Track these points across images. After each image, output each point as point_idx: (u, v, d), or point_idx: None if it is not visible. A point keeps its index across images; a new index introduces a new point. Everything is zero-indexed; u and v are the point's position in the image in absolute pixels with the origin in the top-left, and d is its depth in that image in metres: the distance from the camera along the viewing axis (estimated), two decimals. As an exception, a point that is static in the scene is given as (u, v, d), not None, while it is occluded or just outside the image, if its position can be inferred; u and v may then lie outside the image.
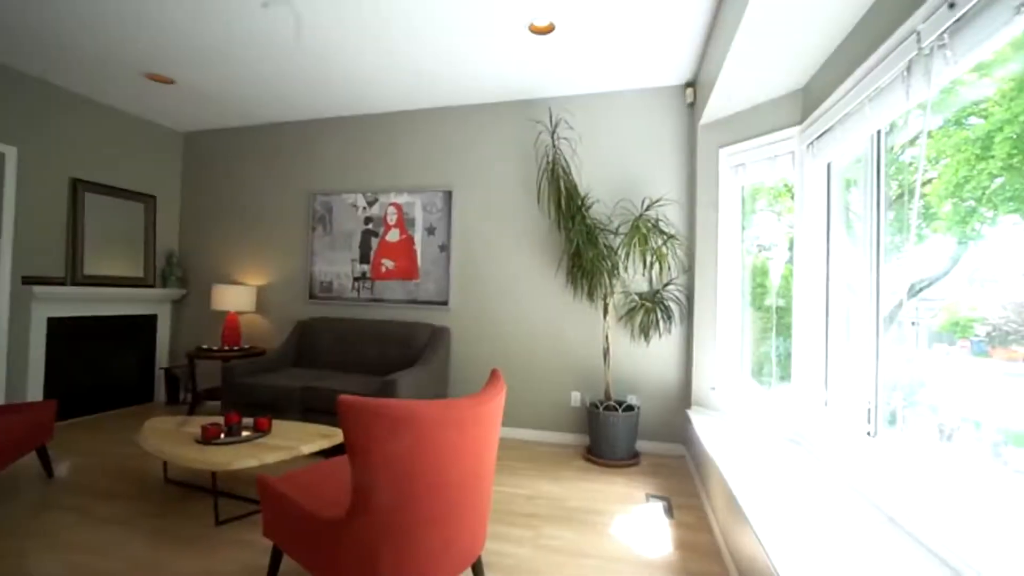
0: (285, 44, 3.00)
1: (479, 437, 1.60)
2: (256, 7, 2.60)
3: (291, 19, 2.66)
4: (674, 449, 3.36)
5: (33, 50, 3.17)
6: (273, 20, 2.74)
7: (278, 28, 2.82)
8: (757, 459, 2.07)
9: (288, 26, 2.79)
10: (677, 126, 3.39)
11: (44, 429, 2.58)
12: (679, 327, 3.35)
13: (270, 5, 2.52)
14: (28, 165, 3.57)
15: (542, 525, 2.33)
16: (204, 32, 2.89)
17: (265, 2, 2.52)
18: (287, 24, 2.77)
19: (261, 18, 2.72)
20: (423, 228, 3.92)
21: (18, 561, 1.92)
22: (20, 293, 3.52)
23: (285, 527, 1.68)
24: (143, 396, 4.46)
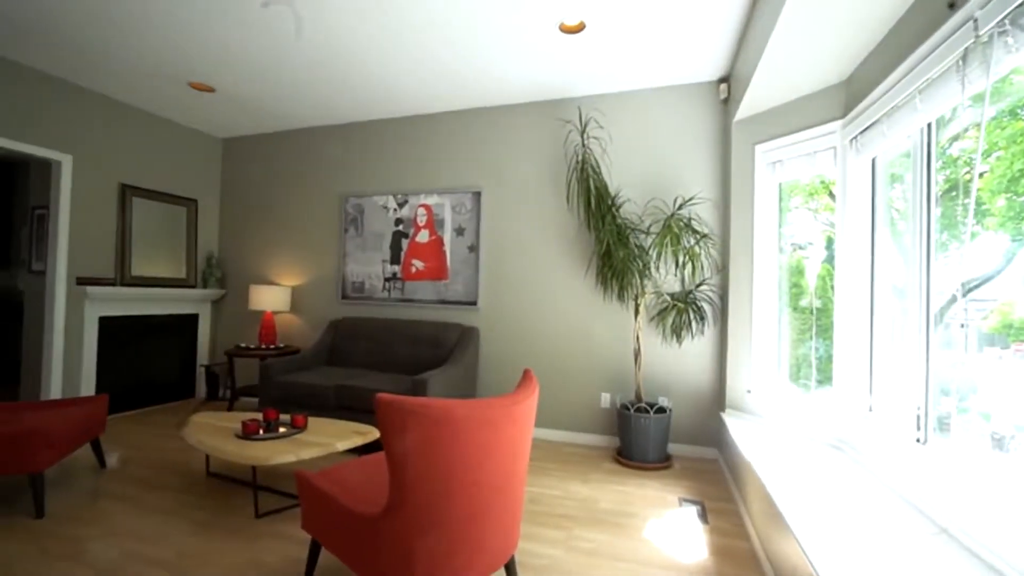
0: (318, 50, 3.08)
1: (513, 437, 1.60)
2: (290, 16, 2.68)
3: (291, 19, 2.67)
4: (707, 453, 3.30)
5: (87, 64, 3.35)
6: (307, 26, 2.81)
7: (312, 34, 2.89)
8: (797, 465, 2.00)
9: (313, 26, 2.86)
10: (710, 123, 3.32)
11: (98, 422, 2.71)
12: (712, 328, 3.28)
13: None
14: (82, 172, 3.77)
15: (573, 526, 2.32)
16: (243, 41, 2.99)
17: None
18: (319, 30, 2.84)
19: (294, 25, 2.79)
20: (452, 229, 3.96)
21: (78, 546, 2.02)
22: (75, 293, 3.72)
23: (323, 521, 1.72)
24: (185, 392, 4.65)
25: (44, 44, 3.10)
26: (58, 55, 3.25)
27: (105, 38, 3.00)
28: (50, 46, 3.13)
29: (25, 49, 3.18)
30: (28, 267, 4.23)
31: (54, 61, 3.34)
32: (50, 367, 3.61)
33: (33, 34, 2.98)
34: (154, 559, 1.95)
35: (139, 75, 3.52)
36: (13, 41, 3.08)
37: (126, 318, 4.12)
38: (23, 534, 2.10)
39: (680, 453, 3.34)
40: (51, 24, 2.86)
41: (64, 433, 2.39)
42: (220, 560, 1.95)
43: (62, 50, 3.17)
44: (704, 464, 3.19)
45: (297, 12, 2.60)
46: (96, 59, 3.29)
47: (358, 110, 4.08)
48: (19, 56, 3.28)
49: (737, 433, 2.49)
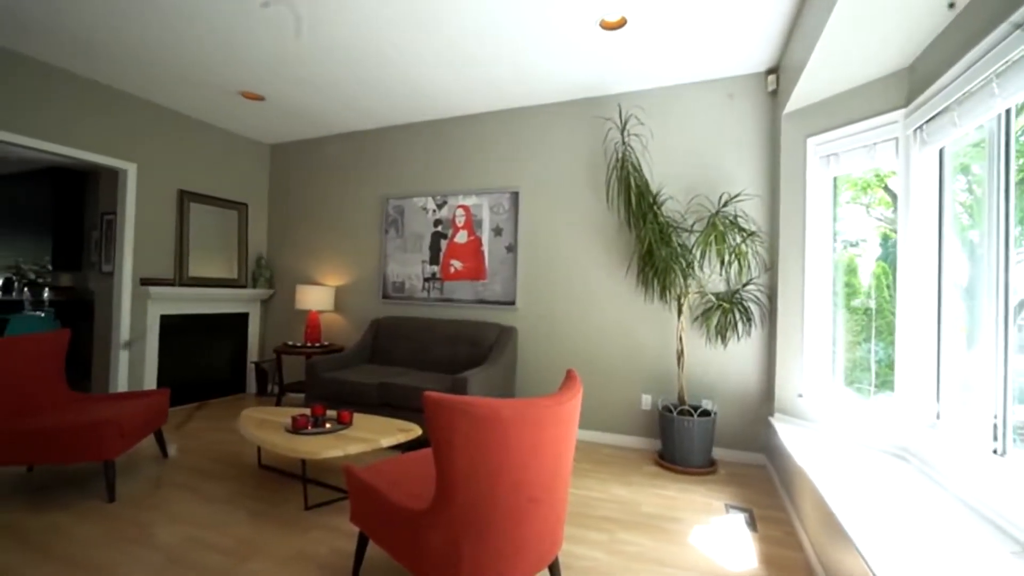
0: (361, 55, 3.15)
1: (558, 437, 1.60)
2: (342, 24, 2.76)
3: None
4: (754, 458, 3.18)
5: (150, 77, 3.57)
6: (349, 32, 2.89)
7: (355, 40, 2.97)
8: (856, 474, 1.90)
9: (354, 35, 2.93)
10: (757, 116, 3.20)
11: (161, 414, 2.88)
12: (760, 329, 3.16)
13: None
14: (145, 179, 4.02)
15: (616, 529, 2.29)
16: (291, 51, 3.10)
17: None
18: (361, 38, 2.91)
19: (340, 31, 2.88)
20: (490, 229, 3.98)
21: (146, 531, 2.16)
22: (139, 293, 3.97)
23: (371, 515, 1.77)
24: (236, 387, 4.88)
25: (111, 59, 3.32)
26: (123, 69, 3.47)
27: (166, 52, 3.18)
28: (116, 61, 3.35)
29: (96, 65, 3.42)
30: (99, 269, 4.54)
31: (120, 75, 3.57)
32: (118, 362, 3.87)
33: (101, 50, 3.20)
34: (214, 545, 2.05)
35: (195, 86, 3.72)
36: (84, 58, 3.31)
37: (183, 316, 4.36)
38: (97, 517, 2.26)
39: (725, 458, 3.24)
40: (117, 40, 3.06)
41: (133, 424, 2.55)
42: (274, 549, 2.03)
43: (127, 64, 3.39)
44: (751, 470, 3.08)
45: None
46: (157, 72, 3.49)
47: (398, 113, 4.17)
48: (90, 72, 3.53)
49: (788, 439, 2.39)
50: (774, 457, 2.90)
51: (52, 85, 3.42)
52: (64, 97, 3.49)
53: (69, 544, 2.03)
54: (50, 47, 3.17)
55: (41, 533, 2.11)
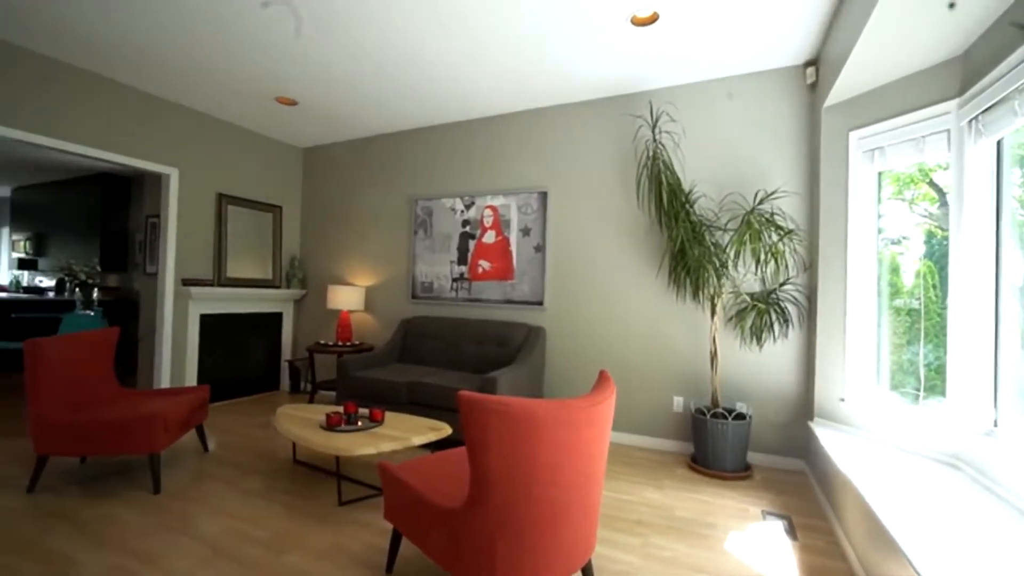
0: (391, 59, 3.20)
1: (592, 438, 1.58)
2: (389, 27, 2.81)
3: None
4: (791, 464, 3.07)
5: (189, 84, 3.71)
6: (379, 36, 2.93)
7: (385, 44, 3.01)
8: (905, 483, 1.81)
9: (384, 38, 2.97)
10: (795, 110, 3.10)
11: (202, 410, 2.99)
12: (797, 331, 3.06)
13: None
14: (186, 183, 4.18)
15: (649, 533, 2.25)
16: (323, 56, 3.17)
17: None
18: (391, 42, 2.95)
19: (370, 36, 2.92)
20: (518, 229, 3.98)
21: (189, 521, 2.24)
22: (181, 293, 4.13)
23: (405, 512, 1.79)
24: (270, 385, 5.02)
25: (156, 69, 3.47)
26: (167, 78, 3.62)
27: (207, 61, 3.30)
28: (160, 71, 3.49)
29: (142, 75, 3.57)
30: (143, 270, 4.75)
31: (164, 84, 3.73)
32: (161, 359, 4.03)
33: (146, 61, 3.34)
34: (253, 538, 2.11)
35: (234, 93, 3.84)
36: (132, 69, 3.47)
37: (221, 316, 4.51)
38: (144, 507, 2.36)
39: (761, 463, 3.14)
40: (162, 51, 3.19)
41: (177, 418, 2.65)
42: (310, 543, 2.08)
43: (171, 74, 3.53)
44: (788, 476, 2.98)
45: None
46: (199, 81, 3.63)
47: (426, 115, 4.21)
48: (136, 81, 3.69)
49: (830, 445, 2.30)
50: (814, 463, 2.79)
51: (102, 95, 3.60)
52: (113, 106, 3.67)
53: (120, 532, 2.12)
54: (101, 59, 3.33)
55: (94, 521, 2.21)
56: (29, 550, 1.96)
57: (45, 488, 2.53)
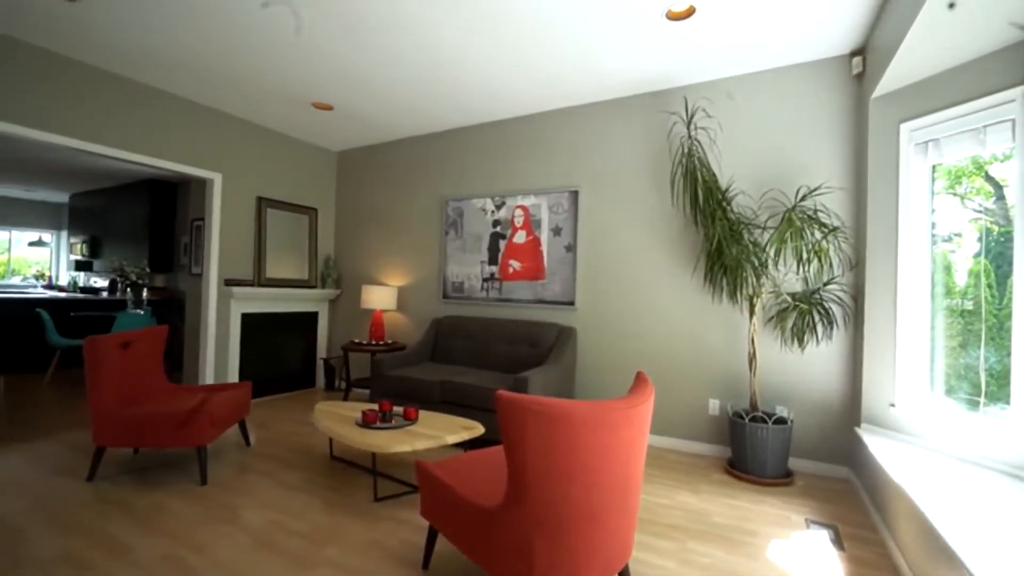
0: (423, 61, 3.24)
1: (631, 440, 1.55)
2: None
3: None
4: (835, 471, 2.95)
5: (231, 91, 3.85)
6: (411, 39, 2.97)
7: (417, 47, 3.05)
8: (964, 494, 1.71)
9: (416, 42, 3.00)
10: (840, 102, 2.97)
11: (245, 405, 3.10)
12: (842, 332, 2.93)
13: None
14: (229, 187, 4.35)
15: (686, 538, 2.20)
16: (359, 60, 3.24)
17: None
18: (423, 45, 2.99)
19: (407, 39, 2.97)
20: (549, 229, 3.96)
21: (234, 512, 2.33)
22: (224, 293, 4.30)
23: (442, 510, 1.80)
24: (307, 382, 5.16)
25: (200, 79, 3.62)
26: (211, 87, 3.77)
27: (246, 68, 3.42)
28: (204, 80, 3.64)
29: (187, 84, 3.73)
30: (189, 270, 4.97)
31: (208, 92, 3.89)
32: (206, 356, 4.21)
33: (190, 71, 3.49)
34: (294, 530, 2.17)
35: (273, 99, 3.97)
36: (177, 78, 3.63)
37: (261, 315, 4.67)
38: (192, 498, 2.46)
39: (802, 469, 3.03)
40: (205, 61, 3.32)
41: (222, 413, 2.76)
42: (348, 538, 2.12)
43: (215, 83, 3.68)
44: (833, 484, 2.86)
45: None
46: (241, 88, 3.77)
47: (457, 117, 4.25)
48: (181, 90, 3.87)
49: (880, 452, 2.20)
50: (861, 471, 2.67)
51: (152, 104, 3.78)
52: (161, 114, 3.85)
53: (171, 521, 2.22)
54: (150, 70, 3.50)
55: (147, 509, 2.32)
56: (91, 535, 2.08)
57: (102, 477, 2.68)
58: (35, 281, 8.32)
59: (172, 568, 1.86)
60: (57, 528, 2.12)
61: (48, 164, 5.89)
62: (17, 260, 8.32)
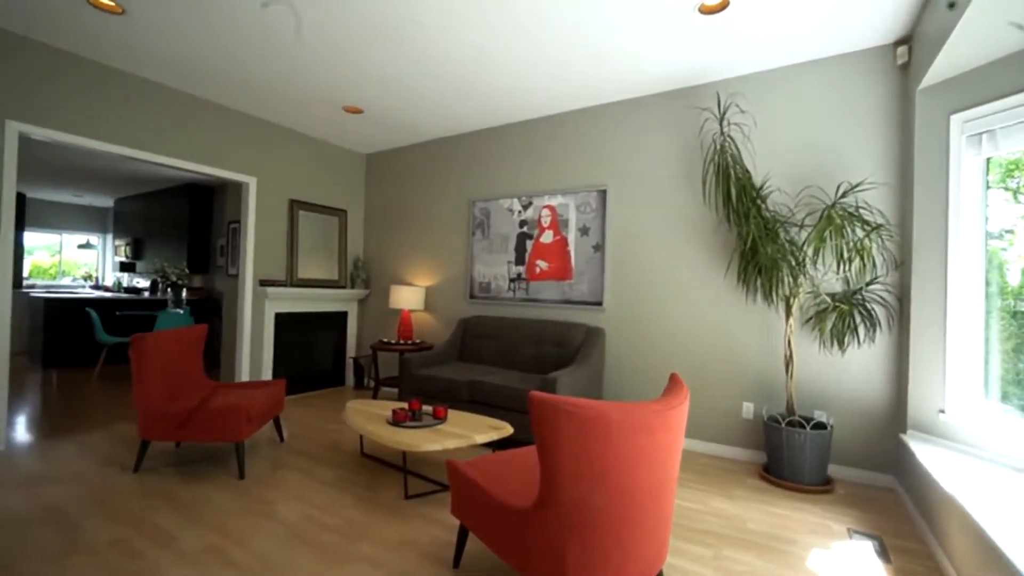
0: (452, 63, 3.26)
1: (667, 443, 1.52)
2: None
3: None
4: (878, 479, 2.83)
5: (265, 97, 3.97)
6: (443, 40, 2.99)
7: (447, 49, 3.07)
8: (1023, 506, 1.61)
9: (444, 42, 3.02)
10: (883, 94, 2.84)
11: (279, 402, 3.18)
12: (886, 334, 2.81)
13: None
14: (263, 190, 4.48)
15: (721, 545, 2.14)
16: (390, 63, 3.29)
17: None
18: (451, 45, 3.01)
19: (435, 41, 2.99)
20: (576, 229, 3.93)
21: (270, 506, 2.39)
22: (258, 293, 4.43)
23: (472, 509, 1.80)
24: (336, 380, 5.27)
25: (237, 85, 3.74)
26: (244, 93, 3.89)
27: (279, 74, 3.52)
28: (241, 87, 3.76)
29: (220, 90, 3.86)
30: (225, 271, 5.14)
31: (241, 98, 4.01)
32: (242, 354, 4.34)
33: (228, 79, 3.61)
34: (328, 525, 2.22)
35: (306, 104, 4.07)
36: (214, 86, 3.76)
37: (293, 314, 4.79)
38: (231, 492, 2.54)
39: (843, 477, 2.91)
40: (239, 67, 3.43)
41: (258, 410, 2.84)
42: (379, 534, 2.15)
43: (247, 88, 3.80)
44: (876, 492, 2.74)
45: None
46: (274, 93, 3.87)
47: (486, 118, 4.26)
48: (218, 97, 4.00)
49: (929, 460, 2.09)
50: (908, 480, 2.55)
51: (190, 111, 3.93)
52: (199, 121, 3.99)
53: (211, 513, 2.30)
54: (190, 78, 3.63)
55: (189, 501, 2.41)
56: (138, 524, 2.17)
57: (147, 469, 2.79)
58: (83, 282, 8.76)
59: (214, 558, 1.92)
60: (108, 516, 2.22)
61: (95, 171, 6.19)
62: (67, 262, 8.78)
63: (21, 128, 3.07)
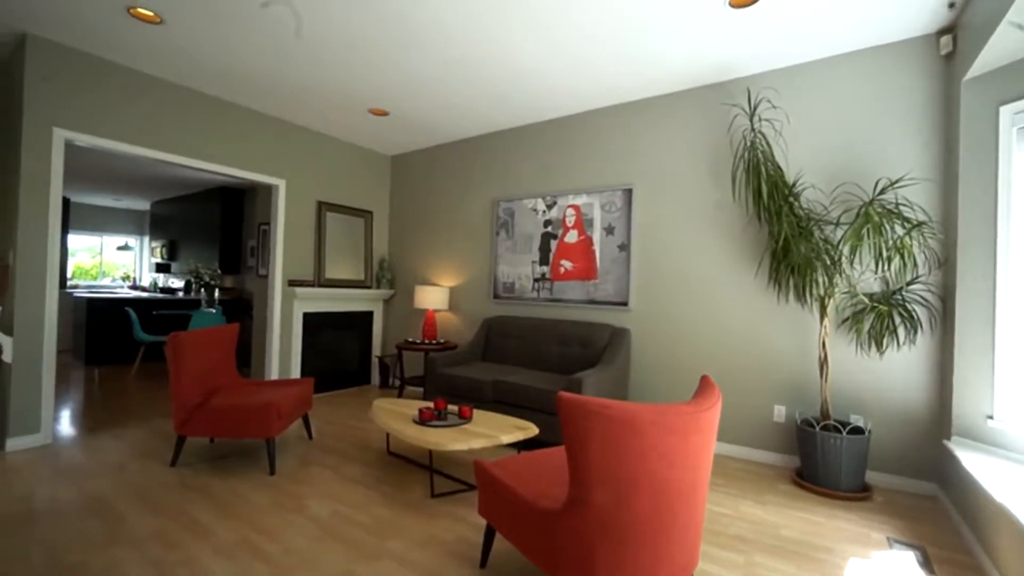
0: (483, 62, 3.27)
1: (699, 445, 1.49)
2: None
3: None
4: (920, 487, 2.71)
5: (293, 102, 4.05)
6: (467, 39, 3.00)
7: (478, 47, 3.08)
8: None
9: (468, 41, 3.03)
10: (925, 86, 2.73)
11: (308, 400, 3.25)
12: (927, 336, 2.69)
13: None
14: (292, 193, 4.58)
15: (752, 551, 2.09)
16: (414, 65, 3.32)
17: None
18: (477, 44, 3.01)
19: (459, 41, 3.00)
20: (601, 228, 3.90)
21: (301, 502, 2.44)
22: (287, 293, 4.53)
23: (500, 510, 1.80)
24: (362, 379, 5.35)
25: (264, 90, 3.83)
26: (274, 97, 3.99)
27: (309, 79, 3.59)
28: (270, 93, 3.85)
29: (252, 96, 3.96)
30: (255, 272, 5.27)
31: (272, 102, 4.11)
32: (272, 353, 4.45)
33: (258, 84, 3.70)
34: (357, 522, 2.25)
35: (334, 107, 4.14)
36: (246, 92, 3.86)
37: (320, 314, 4.88)
38: (263, 487, 2.60)
39: (881, 483, 2.81)
40: (270, 73, 3.51)
41: (288, 407, 2.90)
42: (407, 532, 2.17)
43: (277, 93, 3.89)
44: (917, 500, 2.63)
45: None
46: (303, 97, 3.96)
47: (510, 117, 4.26)
48: (250, 102, 4.11)
49: (976, 468, 2.00)
50: (953, 489, 2.44)
51: (224, 116, 4.05)
52: (232, 125, 4.11)
53: (245, 507, 2.36)
54: (225, 85, 3.74)
55: (223, 495, 2.48)
56: (177, 517, 2.24)
57: (184, 464, 2.88)
58: (122, 282, 9.13)
59: (249, 551, 1.97)
60: (148, 509, 2.31)
61: (133, 175, 6.44)
62: (107, 263, 9.16)
63: (67, 135, 3.22)
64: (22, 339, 3.06)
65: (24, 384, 3.06)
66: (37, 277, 3.12)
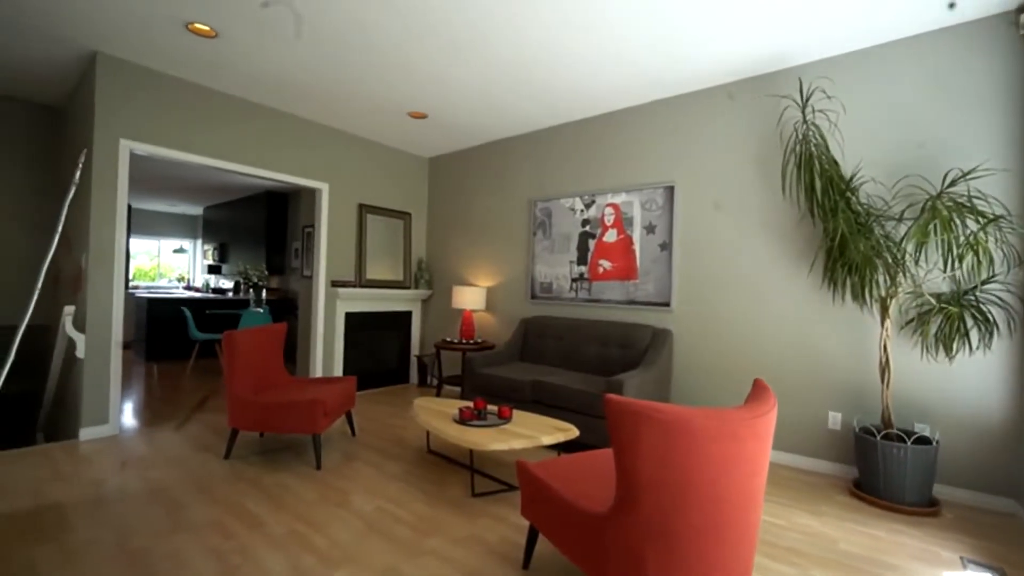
0: (522, 62, 3.26)
1: (755, 452, 1.42)
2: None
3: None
4: (996, 503, 2.50)
5: (335, 107, 4.17)
6: (504, 40, 2.99)
7: (517, 48, 3.07)
8: None
9: (504, 38, 3.02)
10: (1001, 68, 2.52)
11: (351, 398, 3.33)
12: (1006, 340, 2.49)
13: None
14: (335, 196, 4.72)
15: (808, 565, 1.98)
16: (454, 68, 3.34)
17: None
18: (512, 42, 3.00)
19: (497, 43, 3.00)
20: (641, 227, 3.81)
21: (346, 497, 2.50)
22: (330, 293, 4.67)
23: (544, 511, 1.78)
24: (401, 378, 5.44)
25: (308, 96, 3.96)
26: (317, 103, 4.11)
27: (351, 85, 3.68)
28: (312, 97, 3.98)
29: (296, 102, 4.11)
30: (300, 273, 5.47)
31: (315, 108, 4.24)
32: (316, 351, 4.59)
33: (301, 91, 3.82)
34: (399, 518, 2.28)
35: (374, 111, 4.24)
36: (290, 98, 4.00)
37: (361, 314, 5.00)
38: (310, 482, 2.68)
39: (951, 498, 2.61)
40: (314, 80, 3.63)
41: (333, 404, 2.98)
42: (449, 530, 2.18)
43: (321, 99, 4.01)
44: (993, 518, 2.43)
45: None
46: (345, 102, 4.06)
47: (546, 117, 4.24)
48: (293, 108, 4.26)
49: (1067, 485, 1.82)
50: (1033, 506, 2.24)
51: (270, 123, 4.21)
52: (278, 132, 4.27)
53: (293, 500, 2.43)
54: (272, 93, 3.89)
55: (273, 488, 2.57)
56: (231, 507, 2.34)
57: (236, 456, 3.01)
58: (177, 283, 9.67)
59: (299, 543, 2.03)
60: (205, 499, 2.42)
61: (187, 181, 6.80)
62: (164, 266, 9.72)
63: (132, 146, 3.43)
64: (93, 336, 3.28)
65: (95, 378, 3.28)
66: (106, 278, 3.34)
